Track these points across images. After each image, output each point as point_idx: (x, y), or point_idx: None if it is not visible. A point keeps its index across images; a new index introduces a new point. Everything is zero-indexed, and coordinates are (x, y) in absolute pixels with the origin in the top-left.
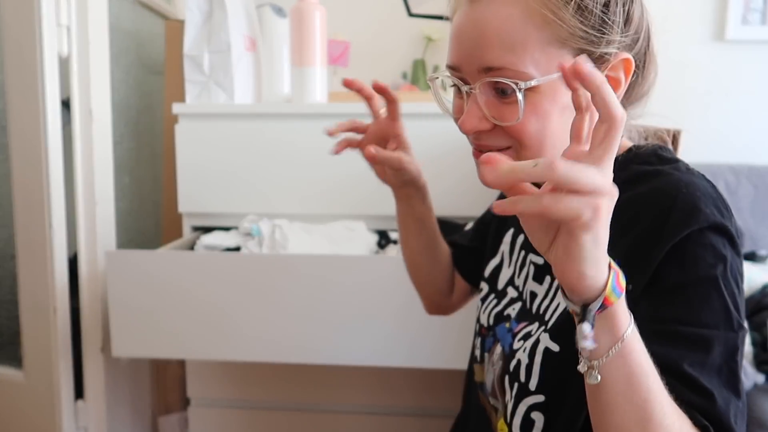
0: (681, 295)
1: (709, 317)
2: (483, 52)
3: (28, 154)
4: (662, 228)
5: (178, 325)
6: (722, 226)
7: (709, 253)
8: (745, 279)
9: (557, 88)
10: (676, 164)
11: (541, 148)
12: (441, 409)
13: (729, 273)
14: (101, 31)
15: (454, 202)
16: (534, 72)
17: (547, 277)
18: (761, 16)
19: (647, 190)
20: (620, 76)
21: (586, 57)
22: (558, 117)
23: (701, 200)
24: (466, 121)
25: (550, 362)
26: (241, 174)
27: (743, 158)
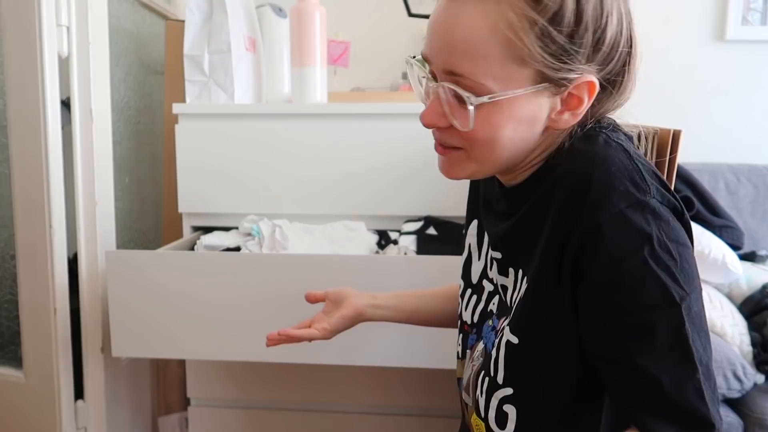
0: (614, 287)
1: (646, 300)
2: (448, 55)
3: (28, 154)
4: (577, 216)
5: (178, 325)
6: (639, 202)
7: (632, 236)
8: (745, 279)
9: (514, 103)
10: (595, 138)
11: (491, 154)
12: (441, 409)
13: (659, 248)
14: (101, 31)
15: (454, 202)
16: (492, 86)
17: (510, 269)
18: (761, 16)
19: (564, 171)
20: (583, 95)
21: None
22: (511, 129)
23: (615, 178)
24: (425, 115)
25: (512, 355)
26: (241, 174)
27: (743, 158)
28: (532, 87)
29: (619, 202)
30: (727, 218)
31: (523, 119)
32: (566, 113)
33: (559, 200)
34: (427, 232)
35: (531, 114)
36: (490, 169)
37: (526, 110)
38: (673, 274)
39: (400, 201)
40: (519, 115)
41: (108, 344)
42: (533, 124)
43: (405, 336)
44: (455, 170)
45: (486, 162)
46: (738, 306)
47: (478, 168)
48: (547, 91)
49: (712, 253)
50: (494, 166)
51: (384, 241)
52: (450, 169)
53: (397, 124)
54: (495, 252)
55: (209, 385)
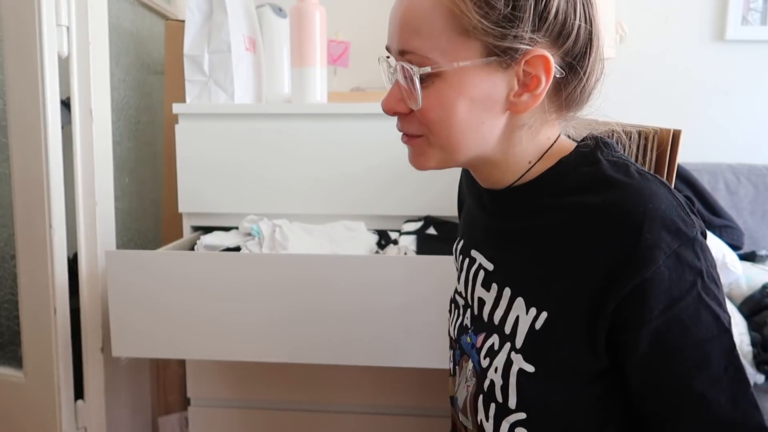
0: (671, 326)
1: (703, 333)
2: (398, 35)
3: (28, 154)
4: (627, 257)
5: (178, 325)
6: (689, 237)
7: (686, 274)
8: (745, 279)
9: (463, 78)
10: (628, 169)
11: (449, 137)
12: (441, 409)
13: (707, 280)
14: (101, 31)
15: (453, 201)
16: (439, 59)
17: (494, 284)
18: (761, 16)
19: (609, 203)
20: (540, 73)
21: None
22: (465, 108)
23: (666, 217)
24: (385, 101)
25: (526, 382)
26: (241, 174)
27: (743, 158)
28: (480, 60)
29: (672, 242)
30: (727, 218)
31: (477, 98)
32: (525, 94)
33: (604, 236)
34: (427, 232)
35: (484, 92)
36: (456, 157)
37: (479, 88)
38: (719, 301)
39: (400, 201)
40: (471, 92)
41: (108, 344)
42: (490, 105)
43: (405, 336)
44: (420, 159)
45: (448, 147)
46: (738, 306)
47: (442, 155)
48: (498, 66)
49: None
50: (458, 152)
51: (384, 241)
52: (416, 159)
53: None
54: (488, 263)
55: (209, 385)
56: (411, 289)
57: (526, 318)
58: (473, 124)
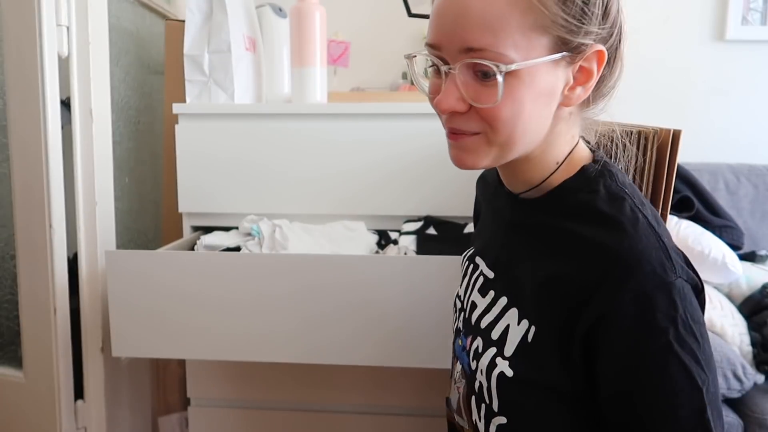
0: (637, 370)
1: (670, 386)
2: (465, 32)
3: (28, 154)
4: (598, 287)
5: (178, 325)
6: (666, 284)
7: (657, 318)
8: (745, 279)
9: (535, 75)
10: (622, 204)
11: (512, 134)
12: (441, 409)
13: (683, 330)
14: (101, 31)
15: (453, 201)
16: (514, 56)
17: (491, 291)
18: (761, 16)
19: (591, 237)
20: (593, 67)
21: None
22: (531, 103)
23: (643, 257)
24: (443, 100)
25: (505, 386)
26: (241, 174)
27: (743, 158)
28: (552, 56)
29: (645, 282)
30: (727, 218)
31: (543, 92)
32: (578, 88)
33: (582, 268)
34: (427, 232)
35: (550, 87)
36: (511, 155)
37: (546, 82)
38: (697, 357)
39: (400, 201)
40: (540, 87)
41: (108, 344)
42: (550, 99)
43: (404, 336)
44: (472, 158)
45: (507, 145)
46: (738, 306)
47: (498, 153)
48: (563, 62)
49: (712, 253)
50: (515, 149)
51: (384, 241)
52: (466, 157)
53: (397, 124)
54: (489, 270)
55: (209, 385)
56: (411, 289)
57: (518, 329)
58: (535, 120)
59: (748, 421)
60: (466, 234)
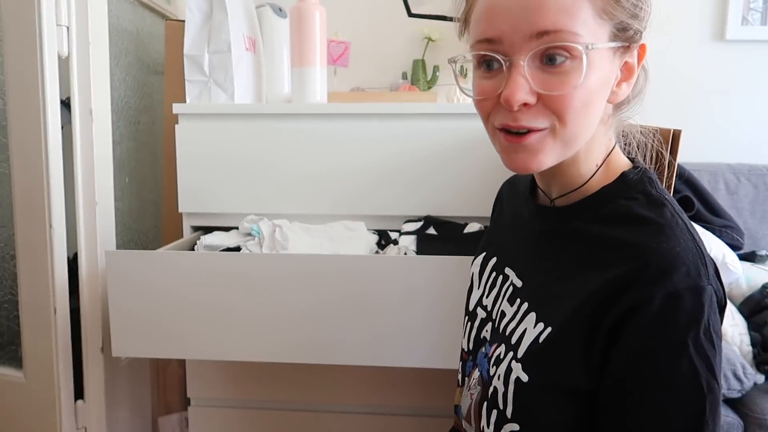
0: (647, 357)
1: (674, 381)
2: (537, 16)
3: (28, 154)
4: (631, 284)
5: (178, 325)
6: (698, 287)
7: (682, 316)
8: (745, 279)
9: (601, 61)
10: (662, 210)
11: (580, 126)
12: (441, 409)
13: (703, 336)
14: (101, 31)
15: (454, 201)
16: (587, 38)
17: (518, 299)
18: (761, 16)
19: (630, 238)
20: (635, 62)
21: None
22: (597, 93)
23: (679, 259)
24: (513, 94)
25: (520, 392)
26: (241, 174)
27: (743, 158)
28: (614, 42)
29: (679, 282)
30: (727, 218)
31: (605, 83)
32: (623, 84)
33: (618, 266)
34: (427, 232)
35: (607, 77)
36: (572, 150)
37: (607, 72)
38: (710, 365)
39: (400, 201)
40: (603, 76)
41: (108, 344)
42: (606, 92)
43: (405, 336)
44: (539, 159)
45: (572, 138)
46: (738, 306)
47: (562, 149)
48: (619, 52)
49: (712, 253)
50: (577, 144)
51: (384, 241)
52: (532, 160)
53: (397, 124)
54: (518, 279)
55: (209, 385)
56: (411, 289)
57: (533, 331)
58: (598, 111)
59: (748, 421)
60: (466, 234)
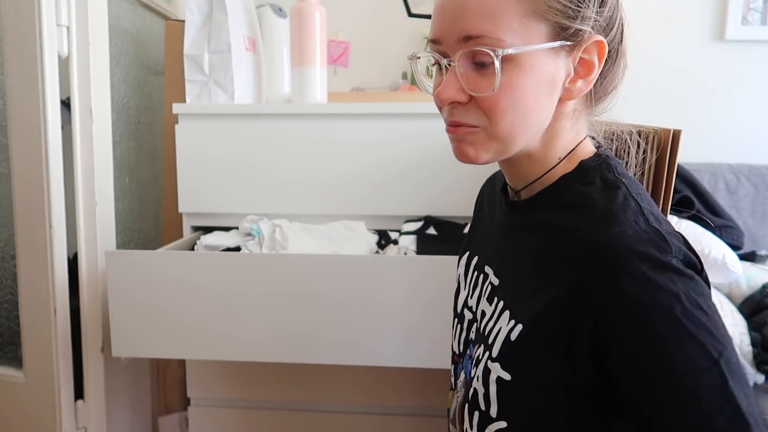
0: (651, 355)
1: (688, 364)
2: (462, 21)
3: (28, 154)
4: (591, 280)
5: (178, 325)
6: (661, 263)
7: (660, 297)
8: (745, 279)
9: (535, 63)
10: (615, 192)
11: (512, 126)
12: (441, 409)
13: (689, 305)
14: (101, 31)
15: (453, 201)
16: (512, 42)
17: (495, 298)
18: (761, 16)
19: (581, 225)
20: (594, 59)
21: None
22: (531, 93)
23: (633, 241)
24: (444, 91)
25: (505, 390)
26: (241, 174)
27: (743, 158)
28: (550, 43)
29: (640, 265)
30: (727, 218)
31: (543, 82)
32: (579, 81)
33: (576, 260)
34: (427, 232)
35: (549, 76)
36: (512, 148)
37: (546, 71)
38: (709, 329)
39: (400, 201)
40: (539, 76)
41: (108, 344)
42: (551, 91)
43: (405, 336)
44: (473, 150)
45: (507, 137)
46: (738, 306)
47: (499, 147)
48: (563, 51)
49: (712, 253)
50: (515, 143)
51: (384, 241)
52: (467, 150)
53: (397, 123)
54: (495, 278)
55: (209, 385)
56: (411, 289)
57: (506, 329)
58: (537, 112)
59: None
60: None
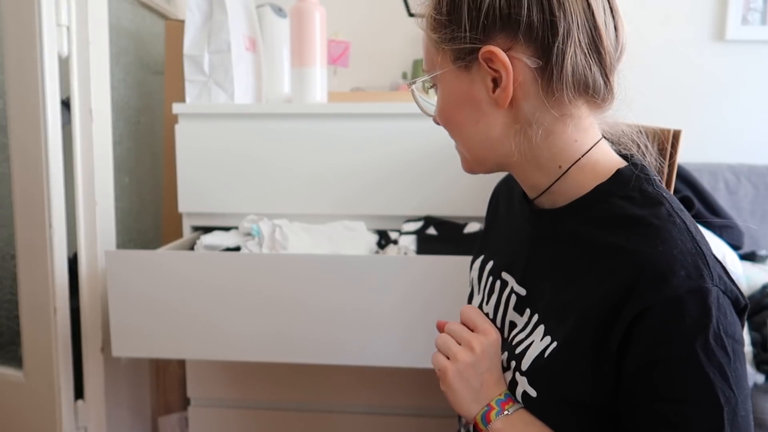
0: (656, 370)
1: (687, 394)
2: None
3: (28, 154)
4: (631, 293)
5: (178, 325)
6: (701, 289)
7: (686, 323)
8: (745, 279)
9: (447, 84)
10: (658, 209)
11: (459, 139)
12: (441, 409)
13: (713, 341)
14: (101, 31)
15: (454, 201)
16: (430, 71)
17: (527, 309)
18: (761, 16)
19: (623, 243)
20: (498, 67)
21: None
22: (455, 110)
23: (677, 261)
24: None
25: (530, 406)
26: (241, 174)
27: (743, 158)
28: (451, 65)
29: (678, 287)
30: (727, 218)
31: (461, 98)
32: (497, 90)
33: (614, 275)
34: (427, 232)
35: (464, 92)
36: (481, 160)
37: (459, 89)
38: (725, 373)
39: (400, 201)
40: (454, 94)
41: (108, 344)
42: (475, 104)
43: (405, 336)
44: (464, 165)
45: (467, 150)
46: None
47: (471, 158)
48: (464, 68)
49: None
50: (477, 154)
51: (384, 241)
52: (462, 164)
53: (397, 124)
54: (520, 287)
55: (209, 385)
56: (411, 289)
57: (540, 344)
58: (469, 123)
59: None
60: (466, 234)
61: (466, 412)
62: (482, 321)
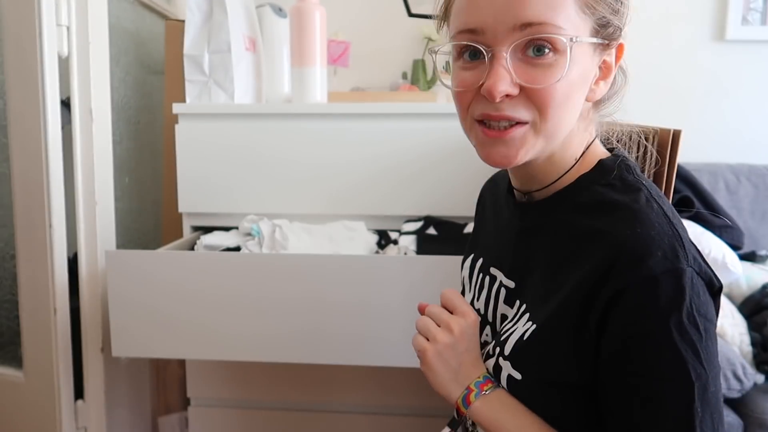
0: (631, 346)
1: (660, 370)
2: (521, 8)
3: (28, 154)
4: (609, 274)
5: (178, 325)
6: (675, 269)
7: (661, 301)
8: (745, 279)
9: (582, 56)
10: (637, 195)
11: (560, 121)
12: (441, 409)
13: (686, 319)
14: (101, 31)
15: (453, 201)
16: (569, 32)
17: (516, 301)
18: (761, 16)
19: (604, 227)
20: (613, 62)
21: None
22: (577, 87)
23: (653, 243)
24: (498, 83)
25: (515, 390)
26: (241, 174)
27: (743, 158)
28: (595, 38)
29: (654, 267)
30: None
31: (585, 78)
32: (601, 82)
33: (595, 257)
34: (427, 232)
35: (587, 72)
36: (553, 146)
37: (587, 67)
38: (696, 350)
39: (400, 201)
40: (583, 71)
41: (108, 344)
42: (585, 88)
43: (405, 336)
44: (521, 153)
45: (553, 133)
46: (738, 306)
47: (543, 144)
48: (598, 49)
49: (712, 253)
50: (557, 139)
51: (384, 241)
52: (514, 154)
53: (397, 124)
54: (508, 280)
55: (209, 385)
56: (411, 289)
57: (522, 329)
58: (576, 107)
59: (748, 421)
60: (466, 234)
61: (447, 392)
62: (461, 303)
